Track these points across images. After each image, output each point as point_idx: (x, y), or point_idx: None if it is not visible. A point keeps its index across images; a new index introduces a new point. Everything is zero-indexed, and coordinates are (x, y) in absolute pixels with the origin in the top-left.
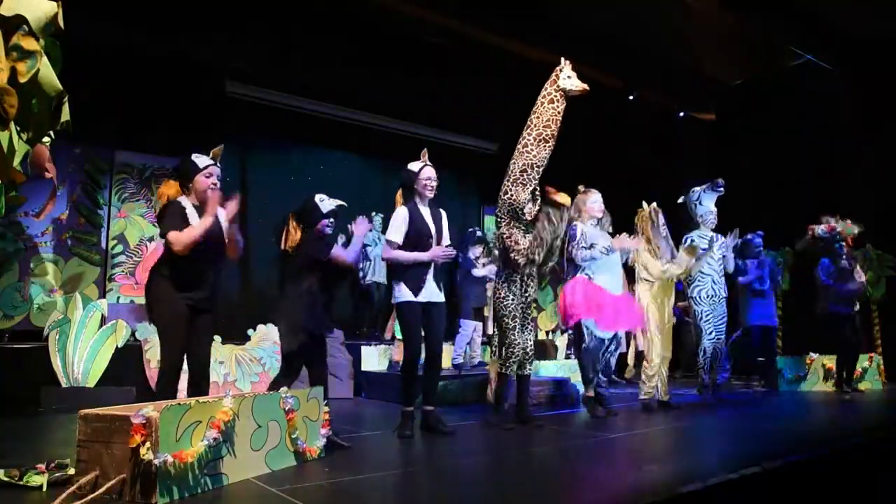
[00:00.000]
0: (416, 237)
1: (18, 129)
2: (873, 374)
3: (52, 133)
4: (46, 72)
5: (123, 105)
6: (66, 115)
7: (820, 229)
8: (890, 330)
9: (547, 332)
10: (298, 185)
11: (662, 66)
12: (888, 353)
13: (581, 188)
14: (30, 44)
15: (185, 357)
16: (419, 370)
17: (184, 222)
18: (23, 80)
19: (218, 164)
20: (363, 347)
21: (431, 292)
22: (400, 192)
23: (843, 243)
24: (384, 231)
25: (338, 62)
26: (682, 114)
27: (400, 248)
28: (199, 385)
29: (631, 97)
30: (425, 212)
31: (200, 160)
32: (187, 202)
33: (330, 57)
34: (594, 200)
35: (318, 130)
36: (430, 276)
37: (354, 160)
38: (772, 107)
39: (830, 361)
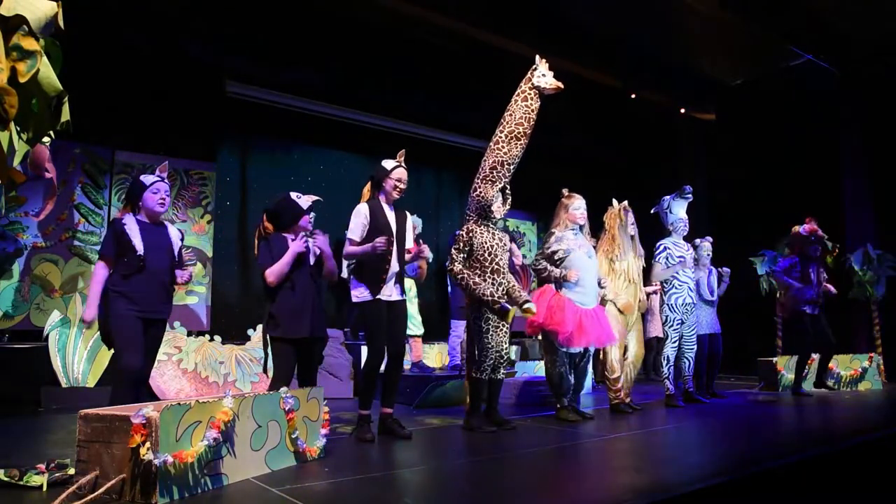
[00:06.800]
0: (377, 236)
1: (18, 129)
2: (873, 373)
3: (52, 133)
4: (46, 72)
5: (123, 105)
6: (66, 115)
7: (802, 228)
8: (890, 330)
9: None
10: (298, 185)
11: (662, 66)
12: (888, 353)
13: (565, 191)
14: (30, 44)
15: (142, 369)
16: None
17: (117, 246)
18: (23, 80)
19: (165, 181)
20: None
21: (392, 291)
22: (368, 186)
23: (820, 248)
24: None
25: (338, 62)
26: (682, 112)
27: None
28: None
29: (632, 96)
30: (388, 212)
31: (146, 178)
32: (131, 220)
33: (330, 57)
34: (576, 207)
35: (318, 130)
36: (390, 274)
37: (354, 160)
38: (772, 107)
39: (832, 361)
